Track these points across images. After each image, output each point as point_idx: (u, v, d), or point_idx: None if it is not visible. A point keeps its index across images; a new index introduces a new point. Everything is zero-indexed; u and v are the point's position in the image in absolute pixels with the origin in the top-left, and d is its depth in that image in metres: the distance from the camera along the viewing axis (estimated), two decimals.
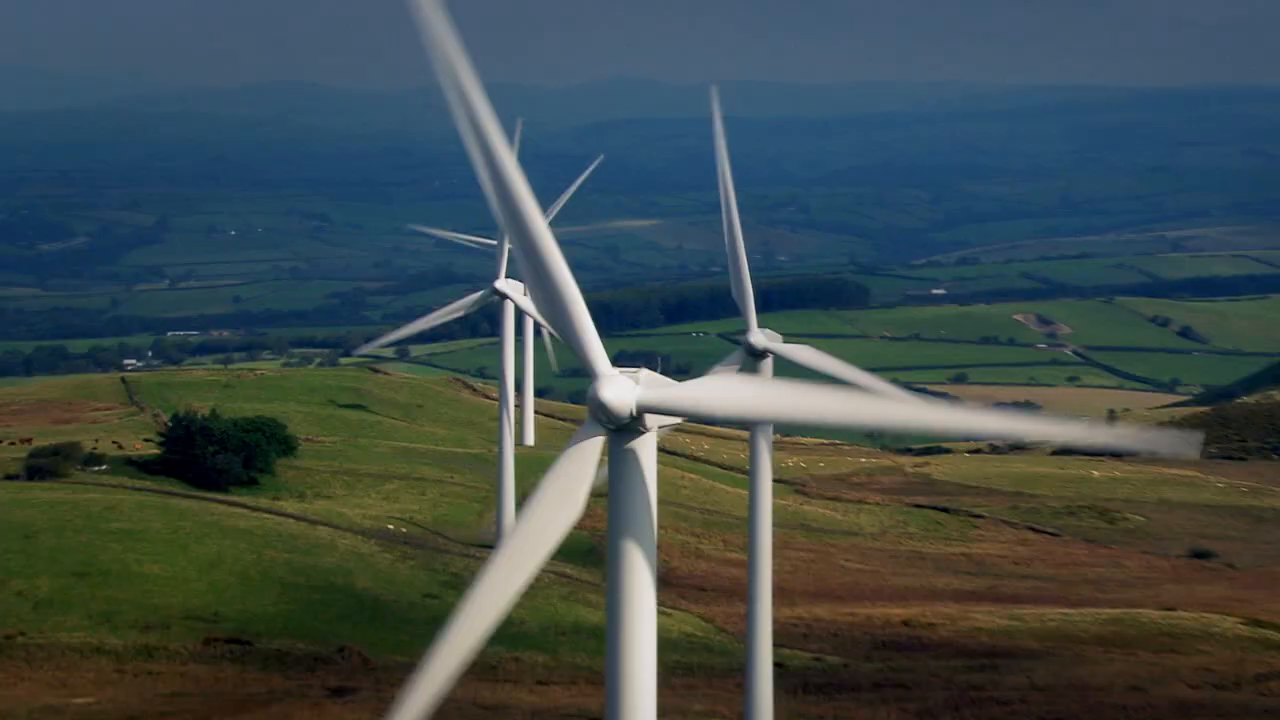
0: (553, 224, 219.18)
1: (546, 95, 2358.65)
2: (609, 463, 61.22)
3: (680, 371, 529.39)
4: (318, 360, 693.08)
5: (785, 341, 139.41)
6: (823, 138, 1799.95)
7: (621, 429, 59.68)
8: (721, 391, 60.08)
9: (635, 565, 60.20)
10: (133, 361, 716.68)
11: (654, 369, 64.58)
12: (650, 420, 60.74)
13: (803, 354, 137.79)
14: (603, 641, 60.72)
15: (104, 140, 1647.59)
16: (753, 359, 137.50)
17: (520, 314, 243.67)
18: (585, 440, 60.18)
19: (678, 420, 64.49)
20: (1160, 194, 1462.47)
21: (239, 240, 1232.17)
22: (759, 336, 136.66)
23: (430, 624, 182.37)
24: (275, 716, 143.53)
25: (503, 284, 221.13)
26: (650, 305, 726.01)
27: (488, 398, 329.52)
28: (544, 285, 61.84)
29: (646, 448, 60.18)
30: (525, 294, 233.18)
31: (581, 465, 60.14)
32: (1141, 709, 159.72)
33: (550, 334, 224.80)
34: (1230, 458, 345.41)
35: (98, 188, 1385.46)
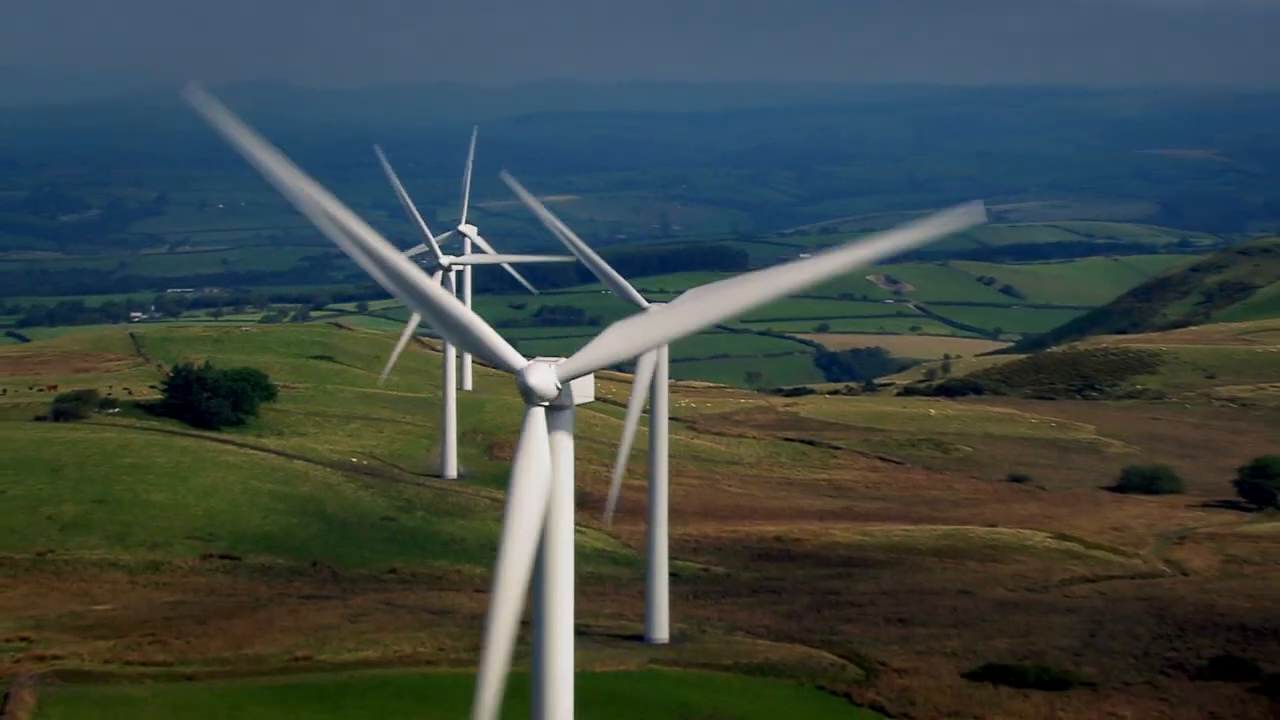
0: (476, 200, 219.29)
1: (485, 92, 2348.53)
2: (542, 418, 63.44)
3: (593, 323, 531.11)
4: (291, 314, 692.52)
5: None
6: (710, 128, 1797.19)
7: (550, 406, 62.05)
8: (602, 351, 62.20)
9: (558, 499, 62.06)
10: (138, 314, 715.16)
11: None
12: (570, 395, 63.05)
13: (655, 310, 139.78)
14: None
15: (114, 129, 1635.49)
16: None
17: (460, 283, 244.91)
18: (530, 415, 62.48)
19: (591, 399, 66.06)
20: (986, 174, 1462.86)
21: (227, 212, 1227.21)
22: (653, 309, 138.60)
23: (388, 542, 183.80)
24: (260, 620, 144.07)
25: (449, 261, 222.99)
26: (567, 267, 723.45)
27: (433, 350, 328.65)
28: (444, 321, 64.53)
29: (566, 417, 62.43)
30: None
31: (537, 434, 62.36)
32: (969, 609, 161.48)
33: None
34: (1042, 397, 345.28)
35: (108, 169, 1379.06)
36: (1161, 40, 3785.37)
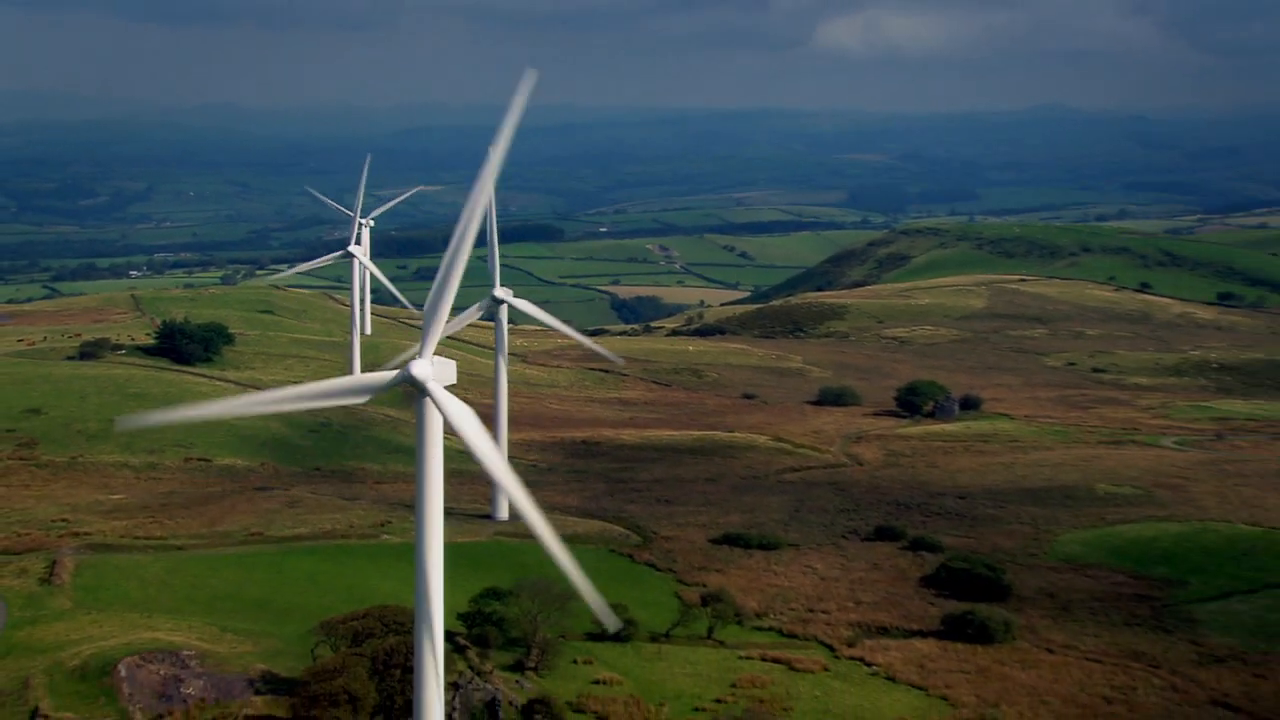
0: (373, 189, 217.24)
1: (376, 112, 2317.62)
2: (417, 400, 66.43)
3: (462, 279, 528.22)
4: (243, 272, 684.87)
5: (515, 285, 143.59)
6: (537, 138, 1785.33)
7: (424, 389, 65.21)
8: (462, 421, 66.00)
9: (432, 439, 65.26)
10: (135, 272, 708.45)
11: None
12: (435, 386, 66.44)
13: (524, 304, 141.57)
14: (413, 460, 65.36)
15: (117, 139, 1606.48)
16: (495, 304, 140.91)
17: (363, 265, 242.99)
18: (388, 374, 66.31)
19: (454, 381, 69.13)
20: (730, 172, 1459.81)
21: (196, 198, 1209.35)
22: (501, 292, 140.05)
23: (314, 448, 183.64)
24: (225, 505, 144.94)
25: (353, 248, 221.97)
26: (436, 238, 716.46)
27: (343, 305, 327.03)
28: (442, 288, 67.43)
29: (437, 396, 65.58)
30: (367, 255, 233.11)
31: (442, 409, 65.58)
32: (713, 492, 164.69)
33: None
34: (766, 336, 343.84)
35: (112, 166, 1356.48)
36: (849, 76, 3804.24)
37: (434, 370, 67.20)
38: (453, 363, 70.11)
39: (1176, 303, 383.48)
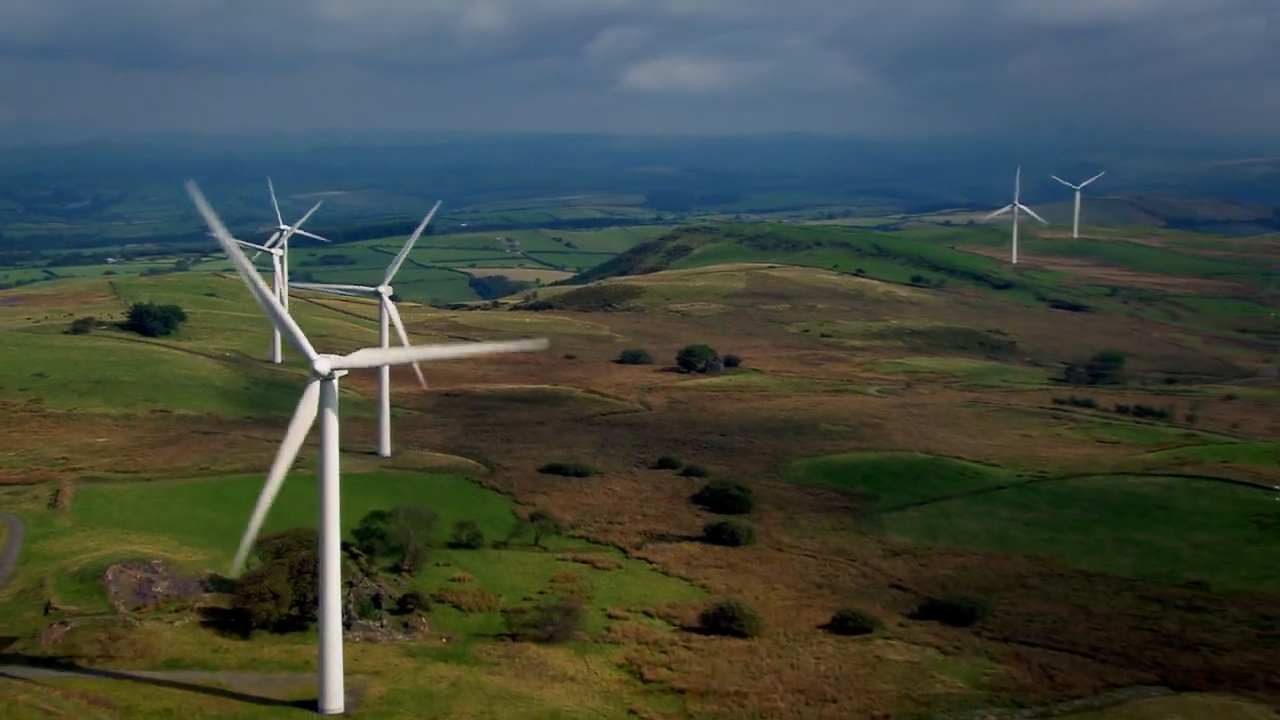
0: (292, 193, 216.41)
1: (292, 135, 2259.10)
2: (321, 387, 69.22)
3: (352, 263, 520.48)
4: (193, 259, 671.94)
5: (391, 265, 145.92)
6: (415, 155, 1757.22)
7: (324, 379, 68.07)
8: (358, 359, 68.85)
9: (329, 410, 68.18)
10: (111, 258, 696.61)
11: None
12: (335, 374, 69.27)
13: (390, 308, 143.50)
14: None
15: (97, 156, 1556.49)
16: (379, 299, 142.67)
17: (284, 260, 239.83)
18: (309, 385, 68.59)
19: (345, 372, 72.22)
20: (559, 180, 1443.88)
21: (157, 202, 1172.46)
22: (385, 289, 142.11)
23: (247, 399, 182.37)
24: (182, 447, 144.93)
25: (275, 250, 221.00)
26: (339, 232, 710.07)
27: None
28: (276, 321, 70.35)
29: (334, 385, 68.73)
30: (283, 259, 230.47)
31: (311, 398, 68.34)
32: (542, 432, 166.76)
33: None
34: (584, 310, 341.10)
35: (94, 178, 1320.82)
36: (647, 107, 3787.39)
37: (330, 363, 70.61)
38: (346, 366, 73.03)
39: (882, 284, 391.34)
